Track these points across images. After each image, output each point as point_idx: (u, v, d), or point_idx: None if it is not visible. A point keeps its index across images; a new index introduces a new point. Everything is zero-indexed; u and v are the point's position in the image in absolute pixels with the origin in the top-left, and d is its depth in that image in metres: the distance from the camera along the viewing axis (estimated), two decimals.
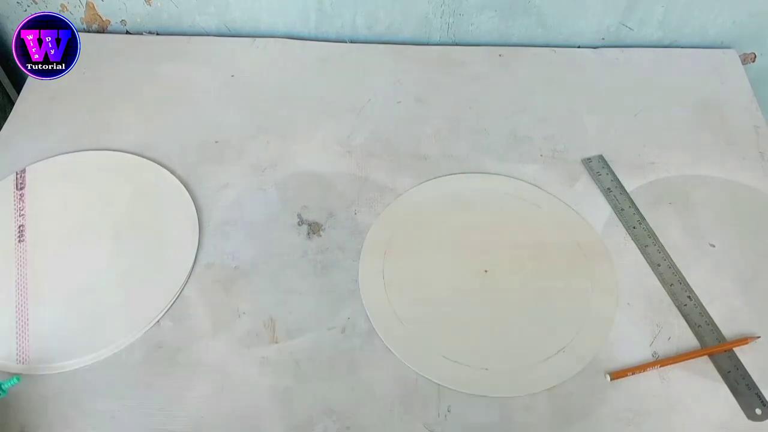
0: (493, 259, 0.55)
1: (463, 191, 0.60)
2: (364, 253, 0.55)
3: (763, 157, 0.65)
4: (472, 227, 0.57)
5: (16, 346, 0.50)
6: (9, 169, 0.61)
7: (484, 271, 0.54)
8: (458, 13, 0.72)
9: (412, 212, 0.58)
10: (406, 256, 0.55)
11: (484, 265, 0.54)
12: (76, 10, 0.73)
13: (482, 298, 0.53)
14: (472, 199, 0.59)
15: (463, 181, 0.61)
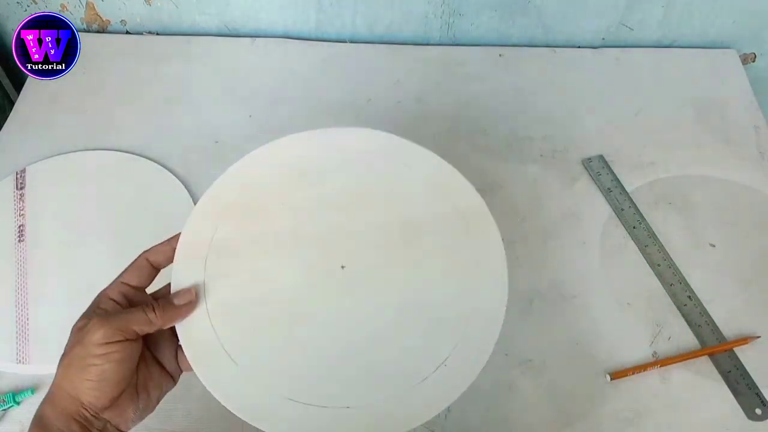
0: (352, 248, 0.41)
1: (307, 159, 0.45)
2: (176, 262, 0.41)
3: (763, 157, 0.65)
4: (322, 207, 0.43)
5: (16, 346, 0.50)
6: (9, 168, 0.61)
7: (341, 268, 0.40)
8: (458, 13, 0.72)
9: (239, 197, 0.43)
10: (234, 262, 0.41)
11: (340, 258, 0.41)
12: (76, 10, 0.73)
13: (339, 306, 0.39)
14: (319, 167, 0.45)
15: (304, 145, 0.46)
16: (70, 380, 0.35)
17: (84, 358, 0.35)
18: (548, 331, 0.52)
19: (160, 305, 0.38)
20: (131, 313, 0.37)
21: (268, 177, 0.44)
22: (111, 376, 0.35)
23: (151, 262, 0.41)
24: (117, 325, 0.36)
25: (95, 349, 0.35)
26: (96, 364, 0.35)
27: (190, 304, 0.39)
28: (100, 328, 0.35)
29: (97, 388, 0.35)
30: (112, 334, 0.35)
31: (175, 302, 0.39)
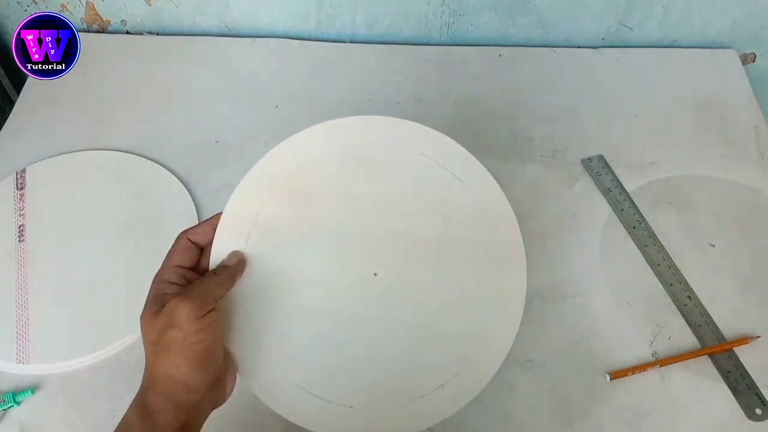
0: (388, 256, 0.41)
1: (365, 147, 0.43)
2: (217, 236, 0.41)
3: (763, 157, 0.65)
4: (370, 206, 0.42)
5: (16, 345, 0.50)
6: (9, 168, 0.61)
7: (374, 275, 0.41)
8: (458, 14, 0.72)
9: (292, 176, 0.42)
10: (273, 245, 0.41)
11: (375, 264, 0.41)
12: (77, 10, 0.73)
13: (363, 310, 0.40)
14: (376, 159, 0.42)
15: (362, 130, 0.43)
16: (176, 365, 0.34)
17: (184, 340, 0.34)
18: (548, 331, 0.52)
19: (219, 268, 0.38)
20: (203, 282, 0.37)
21: (324, 159, 0.42)
22: (214, 350, 0.35)
23: (194, 242, 0.40)
24: (200, 295, 0.35)
25: (192, 325, 0.34)
26: (199, 340, 0.34)
27: (241, 262, 0.39)
28: (185, 303, 0.34)
29: (204, 366, 0.35)
30: (201, 306, 0.34)
31: (227, 263, 0.39)
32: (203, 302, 0.35)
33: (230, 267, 0.39)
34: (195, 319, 0.34)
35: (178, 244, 0.40)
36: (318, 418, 0.38)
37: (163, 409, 0.34)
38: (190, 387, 0.35)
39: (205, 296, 0.35)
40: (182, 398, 0.35)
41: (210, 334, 0.35)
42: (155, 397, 0.34)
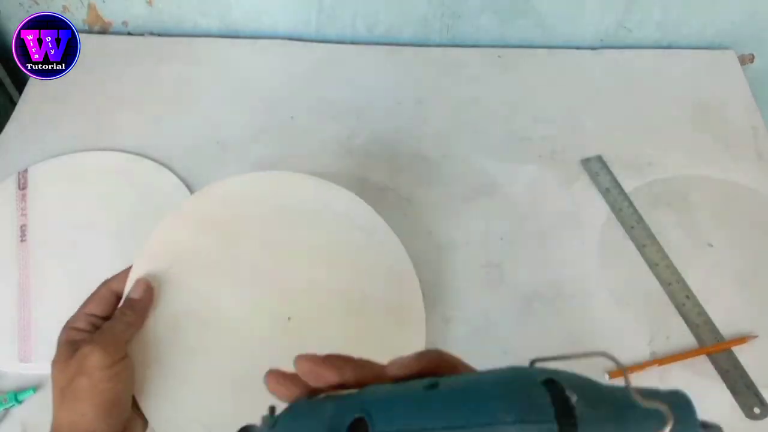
0: (302, 303, 0.43)
1: (291, 199, 0.46)
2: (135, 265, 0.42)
3: (761, 158, 0.65)
4: (288, 253, 0.44)
5: (18, 345, 0.50)
6: (11, 169, 0.61)
7: (287, 319, 0.42)
8: (458, 15, 0.73)
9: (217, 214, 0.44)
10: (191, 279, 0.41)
11: (289, 310, 0.42)
12: (78, 11, 0.73)
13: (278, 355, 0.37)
14: (297, 212, 0.45)
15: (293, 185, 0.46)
16: (81, 413, 0.33)
17: (93, 387, 0.33)
18: (547, 331, 0.52)
19: (127, 306, 0.38)
20: (113, 326, 0.37)
21: (251, 205, 0.45)
22: (122, 397, 0.35)
23: (113, 291, 0.41)
24: (111, 342, 0.35)
25: (101, 373, 0.34)
26: (108, 389, 0.34)
27: (148, 292, 0.40)
28: (96, 350, 0.34)
29: (112, 414, 0.34)
30: (112, 353, 0.34)
31: (134, 296, 0.39)
32: (114, 349, 0.35)
33: (138, 300, 0.39)
34: (105, 367, 0.34)
35: (97, 293, 0.40)
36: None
37: None
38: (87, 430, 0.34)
39: (117, 342, 0.36)
40: None
41: (119, 382, 0.35)
42: None
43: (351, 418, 0.21)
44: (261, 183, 0.46)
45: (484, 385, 0.20)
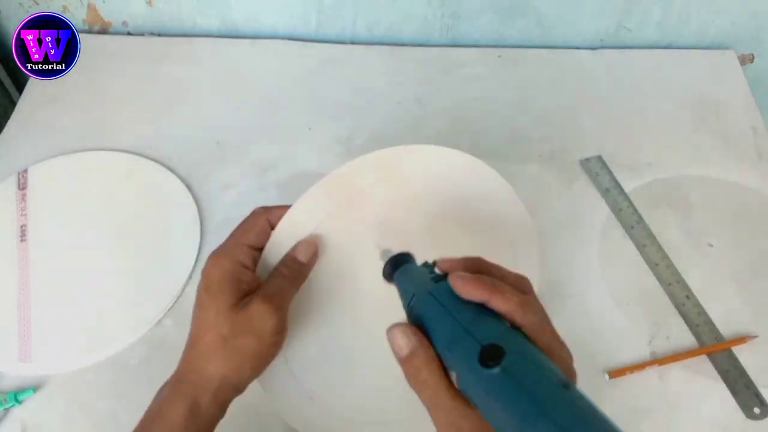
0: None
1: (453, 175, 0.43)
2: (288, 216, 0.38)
3: (761, 158, 0.65)
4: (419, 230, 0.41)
5: (18, 345, 0.50)
6: (11, 169, 0.61)
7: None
8: (457, 15, 0.73)
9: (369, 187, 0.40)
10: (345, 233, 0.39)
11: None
12: (78, 11, 0.73)
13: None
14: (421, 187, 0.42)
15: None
16: (239, 370, 0.33)
17: (260, 351, 0.33)
18: None
19: (289, 267, 0.35)
20: (281, 286, 0.34)
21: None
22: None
23: (271, 225, 0.36)
24: (281, 305, 0.33)
25: (271, 338, 0.33)
26: (272, 354, 0.33)
27: (315, 257, 0.36)
28: (273, 315, 0.32)
29: (262, 371, 0.34)
30: (283, 318, 0.33)
31: (301, 258, 0.35)
32: (284, 314, 0.33)
33: (306, 265, 0.35)
34: (276, 333, 0.33)
35: (256, 222, 0.36)
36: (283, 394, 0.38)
37: (211, 410, 0.33)
38: (240, 389, 0.34)
39: (285, 306, 0.34)
40: (229, 399, 0.34)
41: (280, 349, 0.34)
42: (205, 396, 0.33)
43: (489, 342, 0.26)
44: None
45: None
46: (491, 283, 0.29)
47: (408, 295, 0.32)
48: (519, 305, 0.28)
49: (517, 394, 0.24)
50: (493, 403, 0.25)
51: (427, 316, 0.30)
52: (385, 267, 0.35)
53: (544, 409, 0.23)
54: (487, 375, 0.25)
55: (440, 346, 0.29)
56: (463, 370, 0.27)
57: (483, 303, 0.29)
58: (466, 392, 0.27)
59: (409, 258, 0.35)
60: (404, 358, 0.29)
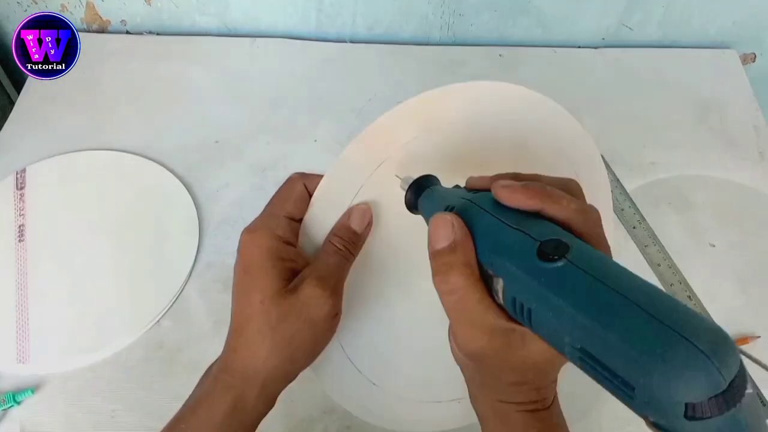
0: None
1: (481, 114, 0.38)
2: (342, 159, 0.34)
3: (763, 157, 0.65)
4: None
5: (17, 345, 0.50)
6: (9, 168, 0.61)
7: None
8: (458, 13, 0.72)
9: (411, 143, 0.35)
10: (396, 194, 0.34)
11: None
12: (77, 10, 0.73)
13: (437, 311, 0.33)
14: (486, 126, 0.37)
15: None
16: (292, 360, 0.29)
17: (314, 337, 0.30)
18: None
19: (343, 238, 0.31)
20: (335, 264, 0.30)
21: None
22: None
23: (309, 192, 0.32)
24: (335, 285, 0.29)
25: (325, 324, 0.29)
26: (326, 339, 0.30)
27: (370, 226, 0.32)
28: (328, 300, 0.29)
29: (312, 360, 0.31)
30: (338, 302, 0.30)
31: (356, 228, 0.31)
32: (339, 296, 0.30)
33: (358, 238, 0.31)
34: (330, 318, 0.30)
35: (293, 189, 0.32)
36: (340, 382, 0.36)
37: (259, 404, 0.30)
38: (290, 380, 0.31)
39: (339, 286, 0.30)
40: (278, 391, 0.31)
41: (335, 332, 0.31)
42: (252, 390, 0.29)
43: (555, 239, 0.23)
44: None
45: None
46: (543, 189, 0.25)
47: (438, 210, 0.28)
48: (578, 212, 0.25)
49: (590, 282, 0.21)
50: (556, 300, 0.22)
51: (468, 223, 0.26)
52: (407, 193, 0.30)
53: (623, 290, 0.20)
54: (548, 269, 0.22)
55: (483, 251, 0.25)
56: (513, 271, 0.24)
57: (535, 211, 0.25)
58: (514, 300, 0.24)
59: (435, 180, 0.31)
60: (439, 250, 0.25)
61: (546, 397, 0.28)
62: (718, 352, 0.18)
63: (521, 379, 0.27)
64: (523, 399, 0.27)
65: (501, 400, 0.27)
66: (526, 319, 0.23)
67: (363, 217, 0.32)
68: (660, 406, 0.19)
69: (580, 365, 0.22)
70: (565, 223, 0.25)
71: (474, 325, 0.25)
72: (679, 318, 0.19)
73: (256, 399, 0.30)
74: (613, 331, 0.20)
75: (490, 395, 0.28)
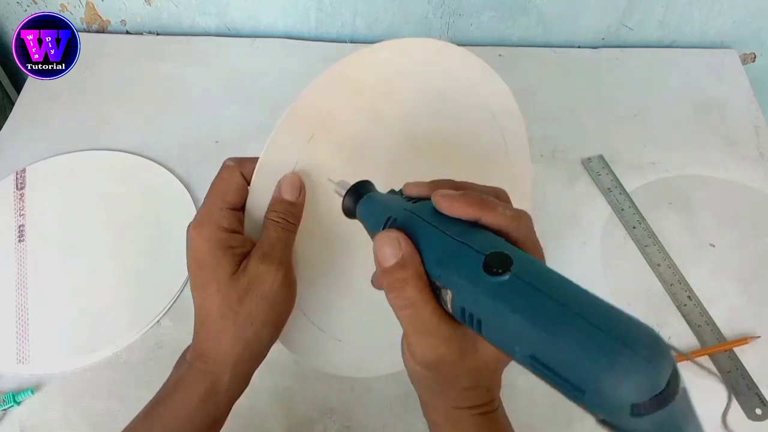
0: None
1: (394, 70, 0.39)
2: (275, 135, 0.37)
3: (763, 157, 0.65)
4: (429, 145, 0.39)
5: (16, 346, 0.50)
6: (9, 168, 0.61)
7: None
8: (458, 13, 0.72)
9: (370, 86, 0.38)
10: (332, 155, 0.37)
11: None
12: (77, 10, 0.73)
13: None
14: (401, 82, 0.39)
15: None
16: (257, 339, 0.31)
17: (271, 310, 0.30)
18: None
19: (279, 211, 0.32)
20: (277, 236, 0.31)
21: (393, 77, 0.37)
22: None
23: (245, 178, 0.33)
24: (281, 257, 0.30)
25: (282, 296, 0.31)
26: (285, 311, 0.31)
27: (303, 192, 0.33)
28: (277, 271, 0.30)
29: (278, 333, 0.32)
30: (287, 270, 0.31)
31: (289, 198, 0.32)
32: (287, 265, 0.31)
33: (295, 204, 0.32)
34: (284, 287, 0.31)
35: (231, 179, 0.32)
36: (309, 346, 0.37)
37: (233, 385, 0.31)
38: (262, 356, 0.32)
39: (287, 256, 0.31)
40: (252, 369, 0.32)
41: (292, 302, 0.32)
42: (224, 374, 0.31)
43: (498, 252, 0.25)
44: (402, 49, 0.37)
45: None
46: (480, 198, 0.26)
47: (380, 220, 0.29)
48: (513, 219, 0.26)
49: (537, 297, 0.23)
50: (505, 312, 0.23)
51: (411, 236, 0.27)
52: (345, 200, 0.32)
53: (571, 307, 0.22)
54: (495, 283, 0.24)
55: (430, 264, 0.26)
56: (461, 284, 0.25)
57: (474, 220, 0.26)
58: (463, 309, 0.25)
59: (371, 186, 0.32)
60: (389, 268, 0.26)
61: (495, 397, 0.29)
62: (656, 356, 0.21)
63: (475, 382, 0.28)
64: (476, 402, 0.28)
65: (455, 407, 0.28)
66: (476, 327, 0.25)
67: (293, 186, 0.33)
68: (608, 407, 0.21)
69: (531, 370, 0.24)
70: (501, 230, 0.26)
71: (431, 335, 0.26)
72: (619, 326, 0.21)
73: (230, 381, 0.31)
74: (561, 342, 0.22)
75: (444, 403, 0.29)
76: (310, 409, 0.47)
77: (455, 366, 0.26)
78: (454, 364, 0.26)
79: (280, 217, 0.32)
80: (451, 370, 0.27)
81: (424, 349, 0.26)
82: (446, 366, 0.26)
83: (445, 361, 0.26)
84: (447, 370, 0.27)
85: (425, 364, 0.27)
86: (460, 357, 0.26)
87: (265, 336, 0.31)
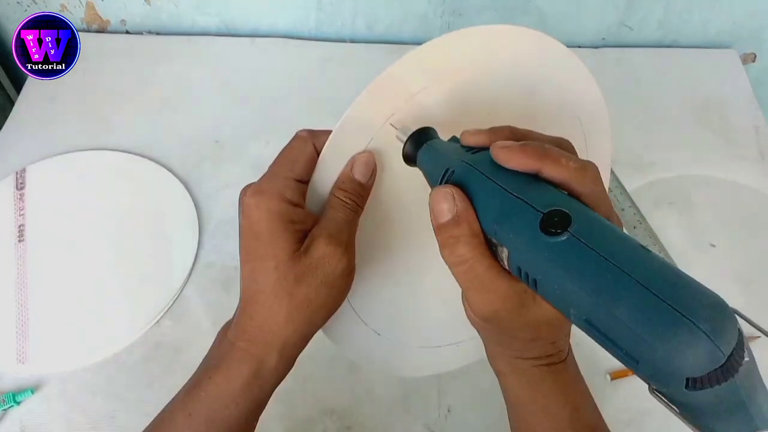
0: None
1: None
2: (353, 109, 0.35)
3: (763, 157, 0.65)
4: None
5: (16, 346, 0.50)
6: (9, 168, 0.61)
7: None
8: (458, 13, 0.72)
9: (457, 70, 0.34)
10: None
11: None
12: (76, 10, 0.73)
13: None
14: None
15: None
16: (311, 324, 0.29)
17: (330, 296, 0.29)
18: None
19: (348, 191, 0.30)
20: (348, 219, 0.30)
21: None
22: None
23: (317, 150, 0.31)
24: (346, 241, 0.29)
25: (341, 282, 0.29)
26: (342, 299, 0.30)
27: (374, 175, 0.31)
28: (342, 256, 0.28)
29: (328, 319, 0.30)
30: (352, 257, 0.29)
31: (360, 178, 0.30)
32: (352, 251, 0.29)
33: (365, 186, 0.30)
34: (347, 275, 0.29)
35: (303, 148, 0.31)
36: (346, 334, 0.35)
37: (279, 368, 0.29)
38: (307, 341, 0.30)
39: (351, 241, 0.29)
40: (298, 353, 0.30)
41: (349, 291, 0.30)
42: (271, 356, 0.29)
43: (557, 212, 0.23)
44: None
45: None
46: (541, 148, 0.25)
47: (439, 172, 0.28)
48: (577, 171, 0.24)
49: (593, 258, 0.22)
50: (560, 274, 0.22)
51: (468, 190, 0.26)
52: (406, 145, 0.30)
53: (626, 267, 0.21)
54: (551, 243, 0.22)
55: (486, 221, 0.25)
56: (517, 243, 0.24)
57: (534, 173, 0.25)
58: (519, 267, 0.24)
59: (434, 133, 0.31)
60: (444, 224, 0.25)
61: (561, 349, 0.28)
62: (717, 329, 0.19)
63: (535, 335, 0.27)
64: (539, 353, 0.28)
65: (518, 357, 0.28)
66: (533, 285, 0.24)
67: (367, 166, 0.30)
68: (662, 379, 0.20)
69: (587, 332, 0.22)
70: (563, 183, 0.25)
71: (486, 290, 0.25)
72: (680, 295, 0.20)
73: (276, 364, 0.29)
74: (617, 309, 0.20)
75: (507, 353, 0.28)
76: (310, 409, 0.47)
77: (514, 320, 0.26)
78: (512, 319, 0.26)
79: (348, 197, 0.30)
80: (510, 323, 0.26)
81: (481, 304, 0.26)
82: (504, 320, 0.26)
83: (502, 315, 0.25)
84: (506, 324, 0.26)
85: (483, 317, 0.26)
86: (519, 311, 0.25)
87: (317, 321, 0.30)
